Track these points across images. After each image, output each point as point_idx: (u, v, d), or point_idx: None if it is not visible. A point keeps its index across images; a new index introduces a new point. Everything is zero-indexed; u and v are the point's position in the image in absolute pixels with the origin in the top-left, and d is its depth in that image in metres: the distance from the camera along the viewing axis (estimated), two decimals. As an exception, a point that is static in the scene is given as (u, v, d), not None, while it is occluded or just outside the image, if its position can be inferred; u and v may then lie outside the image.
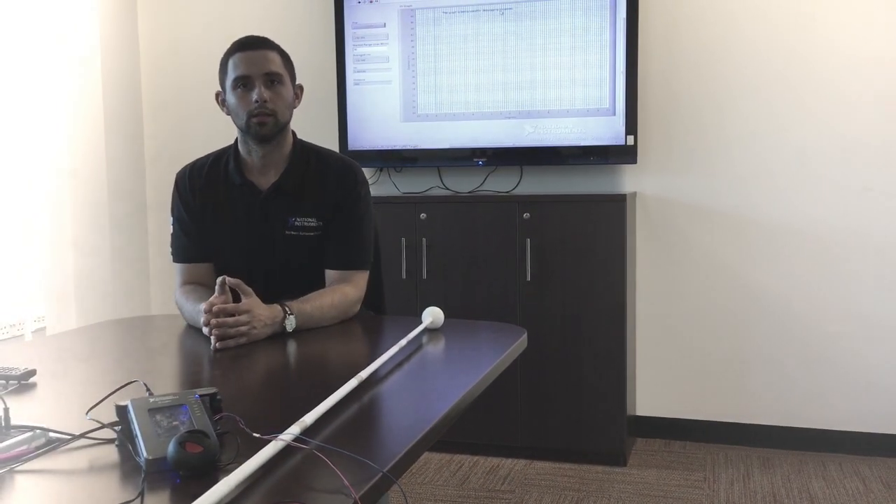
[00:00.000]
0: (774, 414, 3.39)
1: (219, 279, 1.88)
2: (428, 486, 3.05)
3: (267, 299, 1.89)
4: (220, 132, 2.80)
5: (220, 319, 1.79)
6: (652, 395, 3.53)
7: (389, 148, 3.55)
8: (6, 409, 1.20)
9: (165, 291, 4.01)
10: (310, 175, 2.12)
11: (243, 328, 1.80)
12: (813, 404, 3.35)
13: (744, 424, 3.42)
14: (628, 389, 3.26)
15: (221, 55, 2.10)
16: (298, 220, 2.09)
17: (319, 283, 2.10)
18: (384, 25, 3.51)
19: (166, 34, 3.95)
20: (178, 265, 2.17)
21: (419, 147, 3.52)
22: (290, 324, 1.88)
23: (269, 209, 2.10)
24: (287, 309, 1.89)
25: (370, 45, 3.54)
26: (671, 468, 3.21)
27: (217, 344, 1.78)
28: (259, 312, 1.84)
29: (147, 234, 4.04)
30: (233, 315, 1.80)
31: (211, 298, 1.85)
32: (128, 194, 3.91)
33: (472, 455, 3.35)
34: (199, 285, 2.10)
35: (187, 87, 3.93)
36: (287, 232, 2.09)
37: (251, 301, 1.85)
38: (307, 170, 2.12)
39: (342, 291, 2.04)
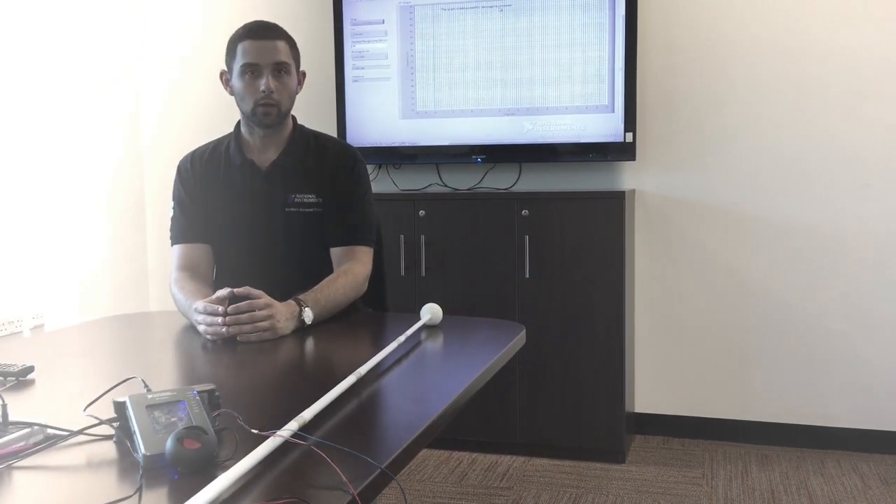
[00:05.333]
0: (773, 411, 3.39)
1: (218, 293, 1.86)
2: (426, 483, 3.05)
3: (267, 279, 1.91)
4: (221, 130, 2.79)
5: (234, 316, 1.78)
6: (650, 392, 3.53)
7: (388, 145, 3.54)
8: (4, 406, 1.20)
9: (164, 289, 4.01)
10: (309, 154, 2.16)
11: (264, 323, 1.79)
12: (811, 401, 3.35)
13: (742, 421, 3.43)
14: (627, 386, 3.27)
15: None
16: (298, 196, 2.12)
17: (319, 264, 2.12)
18: (383, 22, 3.51)
19: (165, 30, 3.95)
20: (175, 248, 2.16)
21: (418, 144, 3.52)
22: (308, 315, 1.88)
23: (269, 186, 2.13)
24: (301, 302, 1.89)
25: (369, 41, 3.53)
26: (670, 465, 3.21)
27: (238, 338, 1.78)
28: (280, 308, 1.83)
29: (145, 232, 4.03)
30: (249, 311, 1.79)
31: (204, 301, 1.85)
32: (126, 193, 3.91)
33: (470, 452, 3.35)
34: (194, 272, 2.11)
35: (187, 84, 3.93)
36: (287, 209, 2.12)
37: (268, 299, 1.83)
38: (307, 149, 2.17)
39: (351, 272, 2.06)
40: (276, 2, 3.75)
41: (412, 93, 3.50)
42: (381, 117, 3.54)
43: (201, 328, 1.84)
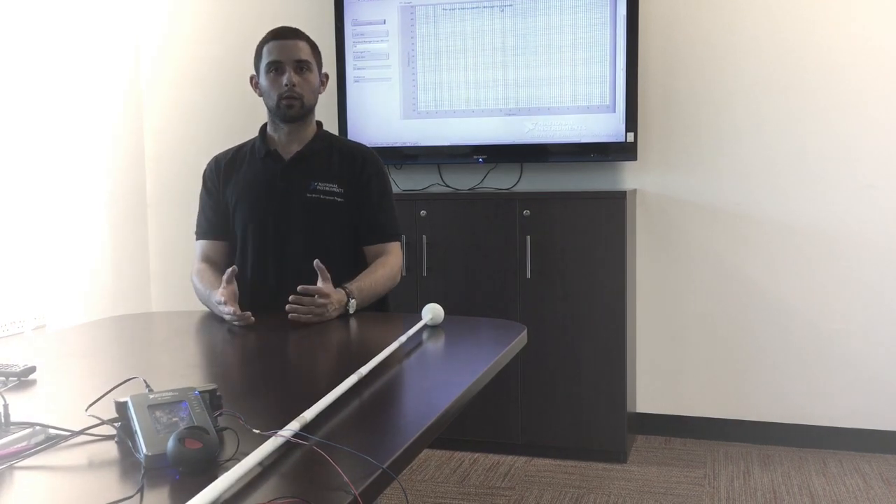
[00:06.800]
0: (775, 411, 3.39)
1: (228, 270, 2.03)
2: (428, 484, 3.05)
3: (287, 264, 2.10)
4: (221, 130, 2.80)
5: (295, 297, 1.96)
6: (652, 392, 3.53)
7: (389, 145, 3.54)
8: (6, 406, 1.20)
9: (165, 290, 4.01)
10: (333, 150, 2.30)
11: (317, 310, 1.96)
12: (813, 401, 3.35)
13: (744, 421, 3.42)
14: (628, 386, 3.26)
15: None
16: (320, 184, 2.23)
17: (338, 250, 2.22)
18: (384, 22, 3.51)
19: (168, 31, 3.95)
20: (198, 243, 2.32)
21: (419, 144, 3.52)
22: (353, 306, 2.06)
23: (291, 173, 2.24)
24: (349, 293, 2.06)
25: (370, 41, 3.53)
26: (671, 465, 3.21)
27: (289, 317, 1.95)
28: (335, 297, 2.00)
29: (147, 233, 4.03)
30: (312, 296, 1.96)
31: (220, 289, 2.01)
32: (128, 194, 3.91)
33: (472, 452, 3.35)
34: (213, 264, 2.26)
35: (188, 84, 3.93)
36: (308, 195, 2.22)
37: (329, 286, 2.00)
38: (330, 146, 2.30)
39: (387, 264, 2.22)
40: (278, 3, 3.75)
41: (413, 93, 3.50)
42: (382, 117, 3.55)
43: (225, 318, 1.99)
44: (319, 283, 2.00)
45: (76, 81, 3.59)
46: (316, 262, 2.01)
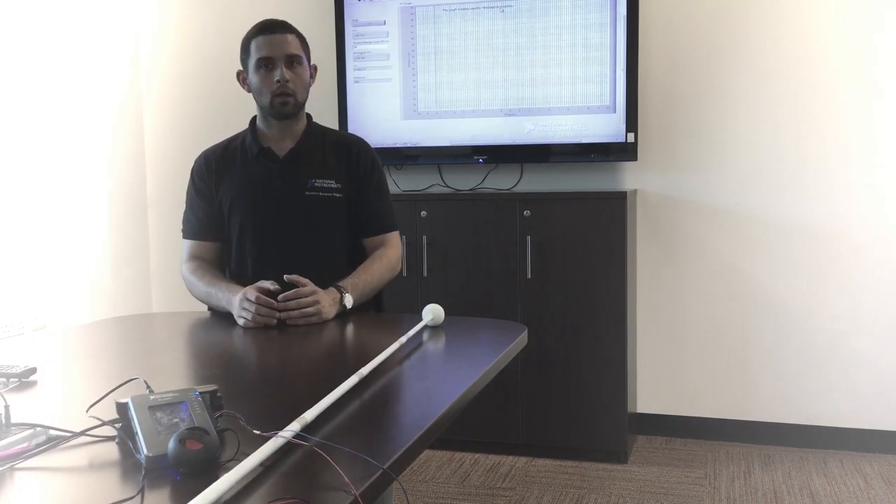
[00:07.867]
0: (775, 411, 3.39)
1: (261, 283, 2.01)
2: (429, 484, 3.06)
3: (288, 263, 2.07)
4: (222, 130, 2.79)
5: (283, 303, 1.97)
6: (653, 392, 3.53)
7: (390, 146, 3.54)
8: (7, 407, 1.20)
9: (165, 290, 4.02)
10: (327, 144, 2.27)
11: (310, 309, 1.97)
12: (814, 401, 3.35)
13: (745, 421, 3.42)
14: (629, 386, 3.26)
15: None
16: (318, 181, 2.21)
17: (339, 246, 2.22)
18: (384, 23, 3.51)
19: (167, 30, 3.95)
20: (185, 241, 2.28)
21: (420, 145, 3.52)
22: (349, 301, 2.06)
23: (288, 171, 2.21)
24: (342, 288, 2.06)
25: (370, 42, 3.54)
26: (672, 465, 3.21)
27: (287, 322, 1.96)
28: (324, 295, 2.01)
29: (147, 233, 4.04)
30: (296, 298, 1.97)
31: (256, 292, 1.98)
32: (128, 194, 3.91)
33: (472, 452, 3.35)
34: (204, 261, 2.23)
35: (188, 84, 3.93)
36: (307, 193, 2.20)
37: (312, 285, 2.01)
38: (323, 140, 2.27)
39: (385, 256, 2.22)
40: (278, 2, 3.75)
41: (414, 93, 3.50)
42: (382, 118, 3.55)
43: (243, 314, 1.96)
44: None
45: (76, 81, 3.59)
46: (286, 276, 2.01)
